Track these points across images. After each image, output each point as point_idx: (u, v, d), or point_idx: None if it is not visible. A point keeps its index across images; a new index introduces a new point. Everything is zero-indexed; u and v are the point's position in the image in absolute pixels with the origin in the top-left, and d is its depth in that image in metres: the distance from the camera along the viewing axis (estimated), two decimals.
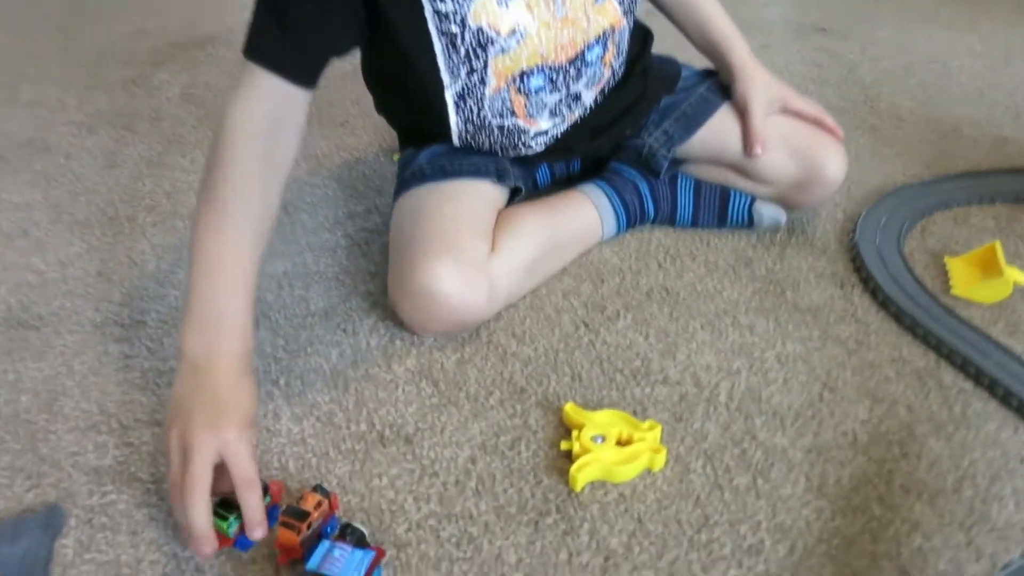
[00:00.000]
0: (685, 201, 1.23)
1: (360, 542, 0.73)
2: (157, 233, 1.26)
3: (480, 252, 1.02)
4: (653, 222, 1.24)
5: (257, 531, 0.72)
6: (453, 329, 1.01)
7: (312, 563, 0.69)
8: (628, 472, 0.83)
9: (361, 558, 0.71)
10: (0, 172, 1.41)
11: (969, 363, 0.96)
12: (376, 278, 1.14)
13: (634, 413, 0.92)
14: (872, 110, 1.60)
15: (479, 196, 1.09)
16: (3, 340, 1.04)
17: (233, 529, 0.74)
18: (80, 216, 1.29)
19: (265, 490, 0.77)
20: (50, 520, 0.79)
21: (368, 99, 1.22)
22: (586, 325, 1.06)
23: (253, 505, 0.72)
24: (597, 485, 0.83)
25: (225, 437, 0.72)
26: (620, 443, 0.86)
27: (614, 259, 1.18)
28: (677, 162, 1.24)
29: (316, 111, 1.70)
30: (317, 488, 0.76)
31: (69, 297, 1.11)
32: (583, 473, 0.82)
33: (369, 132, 1.55)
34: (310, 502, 0.74)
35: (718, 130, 1.18)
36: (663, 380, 0.97)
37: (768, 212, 1.21)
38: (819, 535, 0.78)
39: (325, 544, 0.71)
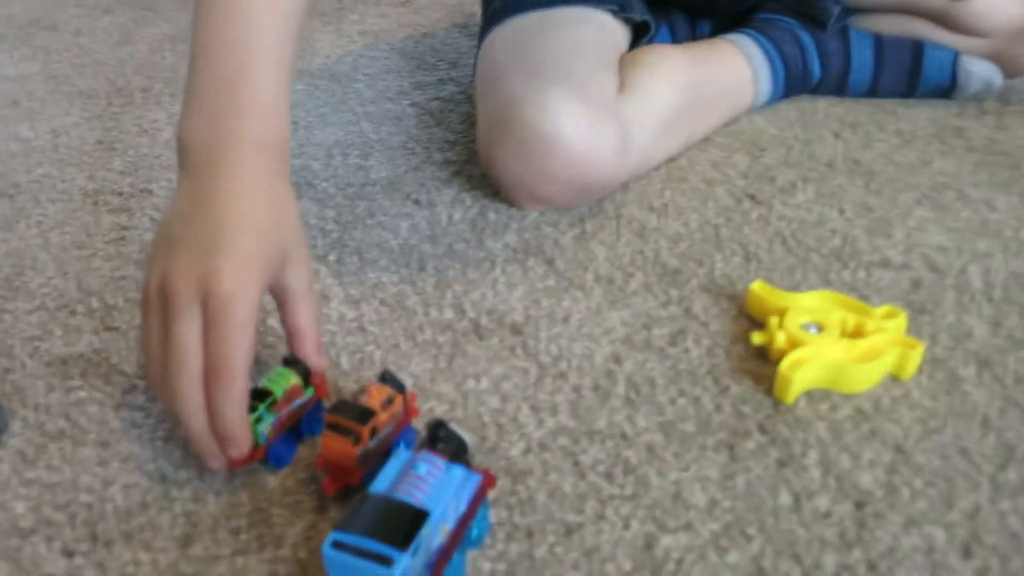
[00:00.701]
0: (862, 57, 0.91)
1: (458, 455, 0.44)
2: (177, 103, 0.98)
3: (607, 88, 0.73)
4: (817, 88, 0.93)
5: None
6: (570, 195, 0.72)
7: (380, 483, 0.40)
8: (867, 376, 0.53)
9: (462, 480, 0.42)
10: None
11: None
12: (457, 147, 0.86)
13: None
14: None
15: (599, 25, 0.80)
16: None
17: (265, 429, 0.46)
18: (83, 87, 1.03)
19: (305, 378, 0.49)
20: None
21: None
22: (751, 198, 0.75)
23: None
24: (817, 395, 0.54)
25: (235, 278, 0.44)
26: (846, 335, 0.55)
27: (771, 129, 0.87)
28: (848, 12, 0.93)
29: None
30: (385, 376, 0.48)
31: (58, 165, 0.85)
32: (799, 375, 0.52)
33: (438, 10, 1.26)
34: (376, 397, 0.46)
35: None
36: (881, 262, 0.66)
37: (979, 70, 0.89)
38: None
39: (402, 455, 0.42)
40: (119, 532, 0.46)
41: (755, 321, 0.60)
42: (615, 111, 0.71)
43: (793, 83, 0.91)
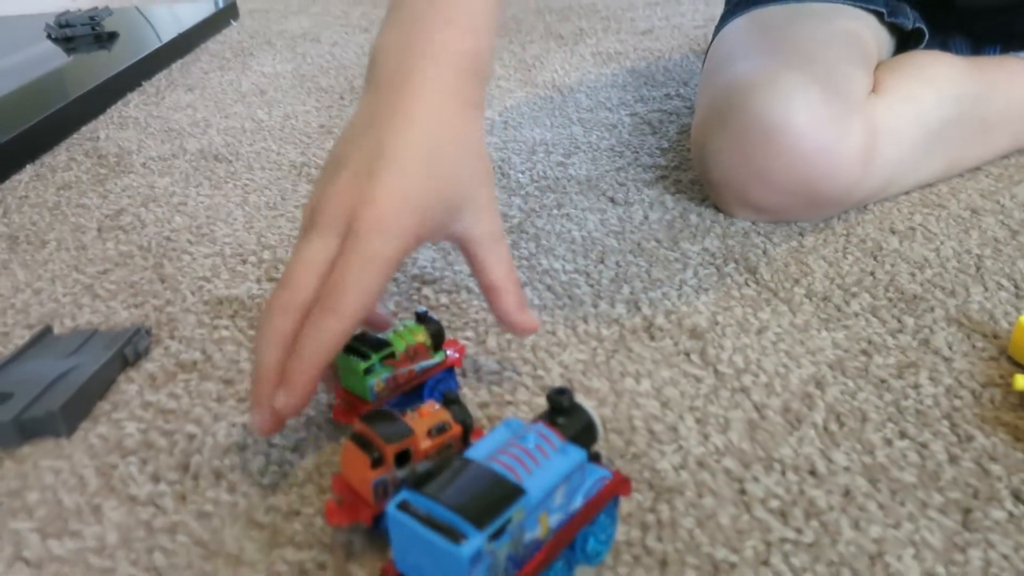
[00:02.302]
0: None
1: (582, 439, 0.34)
2: None
3: (858, 83, 0.61)
4: None
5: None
6: (793, 204, 0.60)
7: (478, 449, 0.32)
8: None
9: (583, 471, 0.32)
10: (264, 53, 1.26)
11: None
12: (669, 154, 0.77)
13: None
14: None
15: (857, 23, 0.68)
16: (188, 167, 0.81)
17: (375, 384, 0.40)
18: (324, 84, 1.08)
19: (437, 339, 0.42)
20: (126, 343, 0.50)
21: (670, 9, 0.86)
22: None
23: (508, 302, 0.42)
24: None
25: (385, 208, 0.38)
26: None
27: None
28: None
29: (614, 15, 1.40)
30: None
31: (278, 142, 0.87)
32: None
33: (678, 38, 1.20)
34: (425, 419, 0.36)
35: None
36: None
37: None
38: None
39: (512, 423, 0.34)
40: (210, 468, 0.41)
41: (1020, 365, 0.45)
42: (863, 109, 0.59)
43: None
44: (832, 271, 0.56)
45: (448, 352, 0.44)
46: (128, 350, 0.50)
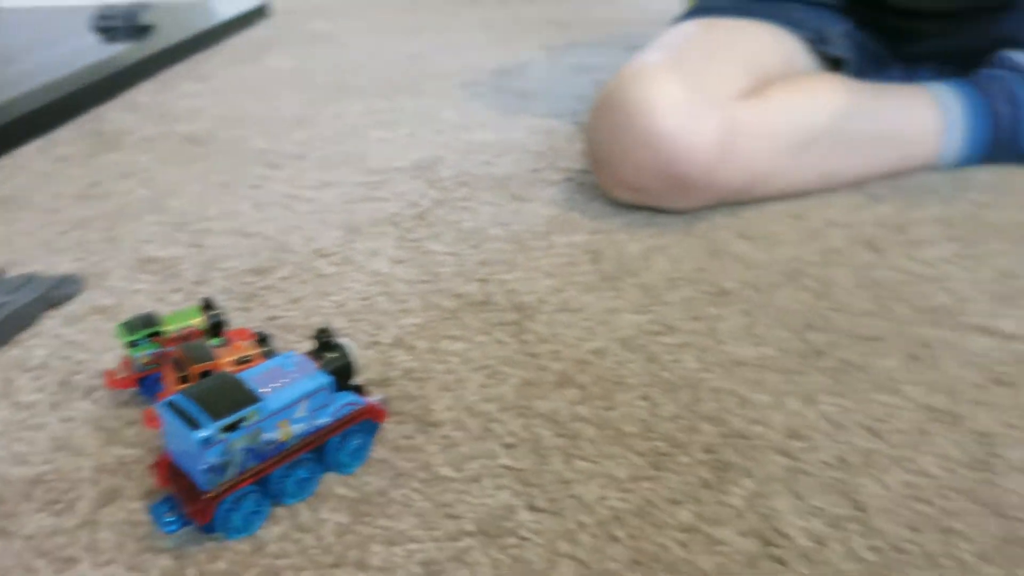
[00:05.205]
0: None
1: (341, 373, 0.43)
2: None
3: (727, 84, 0.68)
4: None
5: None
6: (660, 185, 0.67)
7: (251, 371, 0.41)
8: None
9: (331, 394, 0.41)
10: (279, 49, 1.38)
11: None
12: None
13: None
14: None
15: (770, 40, 0.75)
16: (169, 148, 0.93)
17: (141, 357, 0.48)
18: (319, 80, 1.18)
19: (215, 328, 0.50)
20: (54, 287, 0.61)
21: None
22: (870, 245, 0.65)
23: None
24: None
25: None
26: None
27: (947, 186, 0.75)
28: None
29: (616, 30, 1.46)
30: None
31: (252, 130, 0.98)
32: None
33: None
34: (235, 351, 0.45)
35: None
36: (984, 329, 0.54)
37: None
38: None
39: (280, 357, 0.43)
40: (86, 386, 0.51)
41: None
42: (724, 106, 0.66)
43: (999, 145, 0.78)
44: (669, 267, 0.63)
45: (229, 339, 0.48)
46: (56, 293, 0.61)
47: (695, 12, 0.80)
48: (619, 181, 0.69)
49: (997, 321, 0.55)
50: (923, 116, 0.77)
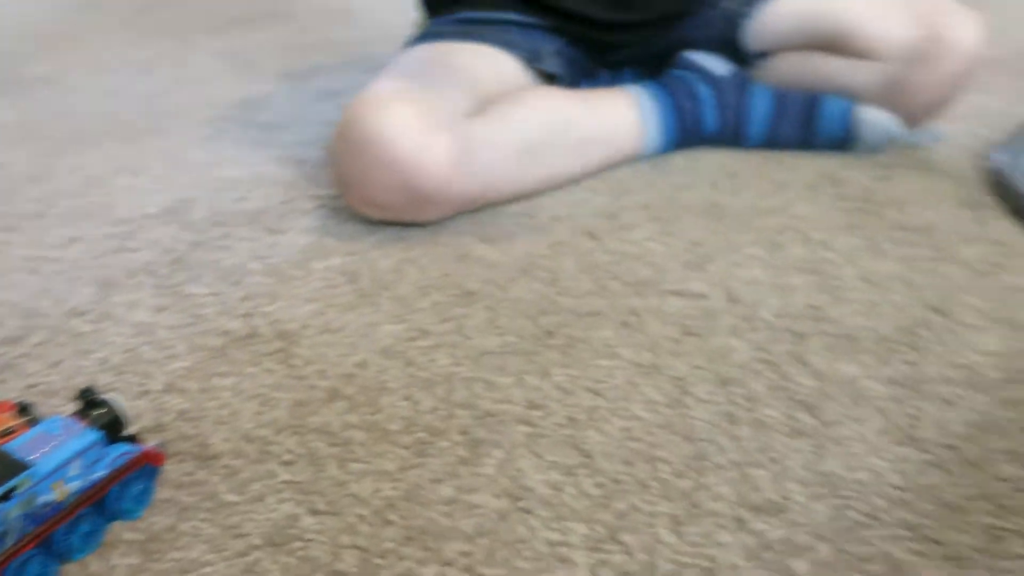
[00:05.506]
0: (760, 110, 0.91)
1: (114, 427, 0.45)
2: None
3: (454, 106, 0.76)
4: (715, 138, 0.93)
5: None
6: (401, 201, 0.74)
7: (19, 440, 0.42)
8: None
9: (102, 447, 0.43)
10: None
11: None
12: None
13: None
14: None
15: (490, 61, 0.85)
16: None
17: None
18: (47, 131, 1.13)
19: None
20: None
21: None
22: (589, 234, 0.76)
23: None
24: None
25: None
26: None
27: (650, 175, 0.88)
28: (759, 56, 0.95)
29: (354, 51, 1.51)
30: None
31: None
32: None
33: None
34: None
35: None
36: (678, 292, 0.65)
37: (873, 119, 0.88)
38: (898, 493, 0.44)
39: (45, 423, 0.44)
40: None
41: None
42: (455, 125, 0.74)
43: (686, 134, 0.92)
44: (420, 276, 0.70)
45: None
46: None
47: (423, 37, 0.88)
48: (366, 201, 0.75)
49: (688, 284, 0.67)
50: (626, 116, 0.90)
